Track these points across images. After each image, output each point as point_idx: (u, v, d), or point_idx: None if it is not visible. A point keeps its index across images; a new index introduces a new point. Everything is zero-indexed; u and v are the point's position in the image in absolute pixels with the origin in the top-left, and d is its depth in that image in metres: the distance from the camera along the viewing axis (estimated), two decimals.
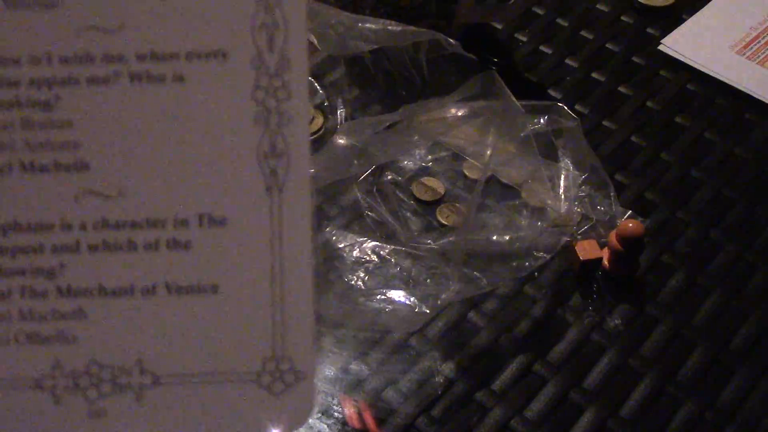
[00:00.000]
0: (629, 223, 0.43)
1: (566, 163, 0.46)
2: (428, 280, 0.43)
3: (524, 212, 0.46)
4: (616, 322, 0.43)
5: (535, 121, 0.46)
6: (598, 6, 0.59)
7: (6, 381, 0.19)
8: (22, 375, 0.20)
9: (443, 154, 0.48)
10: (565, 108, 0.46)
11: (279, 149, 0.20)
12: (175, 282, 0.20)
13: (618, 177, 0.49)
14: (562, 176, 0.45)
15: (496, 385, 0.41)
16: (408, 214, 0.46)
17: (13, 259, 0.20)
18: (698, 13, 0.57)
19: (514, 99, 0.42)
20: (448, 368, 0.41)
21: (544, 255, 0.43)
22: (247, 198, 0.20)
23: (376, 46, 0.45)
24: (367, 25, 0.44)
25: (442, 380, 0.41)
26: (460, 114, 0.45)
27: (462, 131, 0.46)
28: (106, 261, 0.20)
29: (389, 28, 0.44)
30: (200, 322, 0.20)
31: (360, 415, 0.38)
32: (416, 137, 0.45)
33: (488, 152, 0.44)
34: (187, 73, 0.20)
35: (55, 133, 0.20)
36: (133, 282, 0.20)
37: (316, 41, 0.44)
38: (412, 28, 0.43)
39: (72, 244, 0.20)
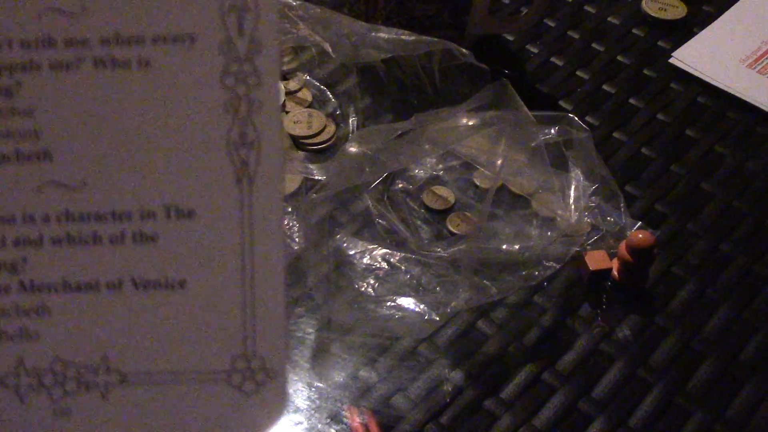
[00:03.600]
0: (639, 234, 0.43)
1: (577, 174, 0.46)
2: (438, 288, 0.43)
3: (534, 222, 0.46)
4: (626, 332, 0.43)
5: (546, 131, 0.46)
6: (609, 19, 0.59)
7: None
8: None
9: (454, 163, 0.48)
10: (576, 119, 0.46)
11: (249, 138, 0.19)
12: (142, 276, 0.19)
13: (628, 188, 0.49)
14: (573, 187, 0.45)
15: (505, 393, 0.41)
16: (418, 223, 0.46)
17: None
18: (709, 27, 0.57)
19: (526, 109, 0.42)
20: (456, 376, 0.41)
21: (554, 265, 0.43)
22: (215, 189, 0.19)
23: (388, 55, 0.45)
24: (380, 34, 0.44)
25: (450, 388, 0.41)
26: (471, 123, 0.45)
27: (473, 140, 0.46)
28: (70, 255, 0.19)
29: (402, 37, 0.44)
30: (168, 318, 0.19)
31: (366, 427, 0.38)
32: (427, 146, 0.45)
33: (499, 162, 0.44)
34: (153, 58, 0.19)
35: (16, 122, 0.19)
36: (98, 276, 0.19)
37: (330, 49, 0.44)
38: (424, 37, 0.44)
39: (35, 237, 0.19)
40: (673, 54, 0.56)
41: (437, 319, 0.41)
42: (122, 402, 0.19)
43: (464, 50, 0.44)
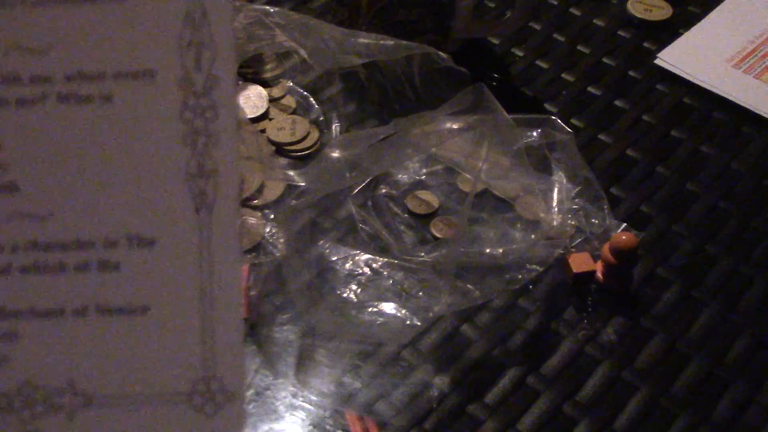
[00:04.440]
0: (622, 236, 0.43)
1: (560, 176, 0.45)
2: (420, 293, 0.42)
3: (518, 225, 0.46)
4: (610, 335, 0.43)
5: (529, 134, 0.46)
6: (594, 21, 0.59)
7: None
8: None
9: (437, 167, 0.48)
10: (559, 121, 0.46)
11: (207, 169, 0.20)
12: (106, 303, 0.20)
13: (614, 190, 0.49)
14: (556, 189, 0.45)
15: (489, 397, 0.40)
16: (402, 228, 0.46)
17: None
18: (694, 28, 0.57)
19: (504, 112, 0.42)
20: (440, 381, 0.41)
21: (537, 267, 0.43)
22: (175, 219, 0.20)
23: (368, 60, 0.45)
24: (360, 39, 0.44)
25: (435, 393, 0.40)
26: (453, 127, 0.45)
27: (456, 144, 0.46)
28: (38, 283, 0.20)
29: (381, 42, 0.44)
30: (131, 343, 0.20)
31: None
32: (409, 150, 0.45)
33: (481, 165, 0.44)
34: (114, 93, 0.20)
35: None
36: (64, 303, 0.20)
37: (306, 55, 0.44)
38: (404, 42, 0.44)
39: (3, 265, 0.20)
40: (658, 55, 0.56)
41: (419, 323, 0.41)
42: (88, 424, 0.20)
43: (443, 54, 0.44)
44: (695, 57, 0.55)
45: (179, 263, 0.20)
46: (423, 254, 0.44)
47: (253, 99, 0.50)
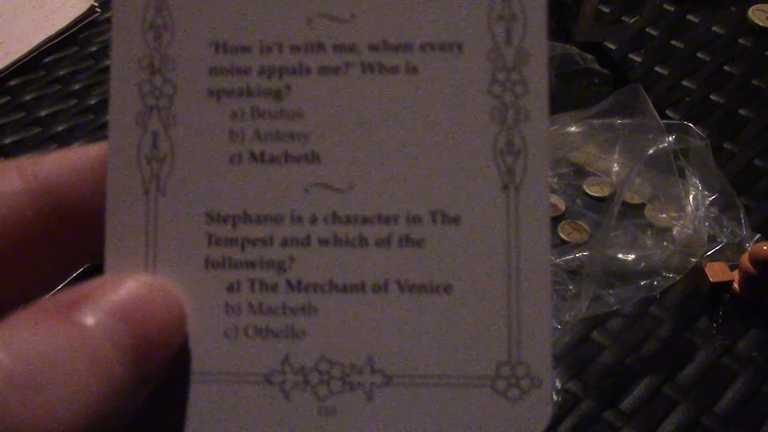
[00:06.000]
0: (764, 246, 0.42)
1: (694, 183, 0.45)
2: (554, 296, 0.42)
3: (648, 232, 0.45)
4: (748, 346, 0.42)
5: (662, 139, 0.45)
6: (714, 28, 0.58)
7: (235, 375, 0.19)
8: (252, 369, 0.19)
9: (564, 170, 0.47)
10: (693, 127, 0.45)
11: (516, 146, 0.19)
12: (408, 280, 0.19)
13: (742, 200, 0.48)
14: (691, 196, 0.44)
15: (625, 405, 0.40)
16: None
17: (242, 251, 0.19)
18: None
19: (656, 115, 0.41)
20: (574, 386, 0.40)
21: (674, 276, 0.42)
22: (482, 196, 0.19)
23: None
24: None
25: (568, 398, 0.40)
26: (584, 130, 0.44)
27: (587, 148, 0.45)
28: (337, 256, 0.19)
29: None
30: (433, 322, 0.19)
31: None
32: None
33: (615, 169, 0.43)
34: (420, 65, 0.19)
35: (286, 123, 0.19)
36: (364, 278, 0.19)
37: None
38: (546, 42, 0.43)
39: (302, 237, 0.19)
40: None
41: (559, 326, 0.40)
42: (387, 403, 0.19)
43: (587, 55, 0.43)
44: None
45: (485, 242, 0.19)
46: (553, 257, 0.43)
47: None
